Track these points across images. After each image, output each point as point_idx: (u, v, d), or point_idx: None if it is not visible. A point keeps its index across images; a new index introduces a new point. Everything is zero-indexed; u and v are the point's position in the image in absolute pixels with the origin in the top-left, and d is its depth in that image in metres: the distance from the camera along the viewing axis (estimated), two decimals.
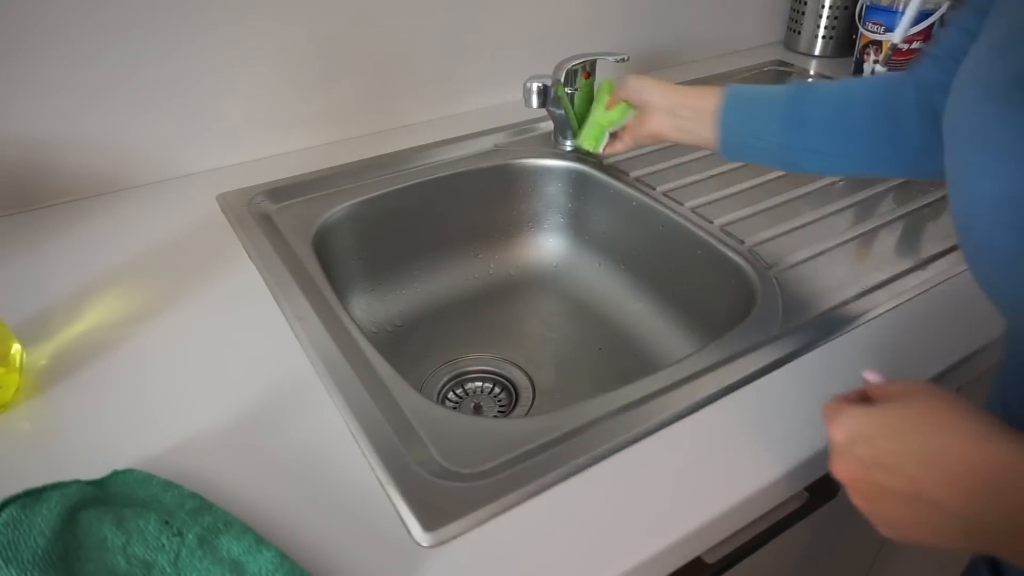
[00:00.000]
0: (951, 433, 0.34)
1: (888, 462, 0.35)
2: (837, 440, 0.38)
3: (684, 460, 0.46)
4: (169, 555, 0.37)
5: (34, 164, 0.73)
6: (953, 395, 0.36)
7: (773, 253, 0.67)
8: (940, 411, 0.35)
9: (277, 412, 0.49)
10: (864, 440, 0.36)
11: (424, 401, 0.51)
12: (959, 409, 0.35)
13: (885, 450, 0.35)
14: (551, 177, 0.86)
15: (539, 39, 0.96)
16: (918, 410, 0.36)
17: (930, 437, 0.34)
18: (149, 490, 0.42)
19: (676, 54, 1.12)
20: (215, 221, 0.72)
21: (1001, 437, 0.32)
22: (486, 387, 0.76)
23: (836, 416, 0.38)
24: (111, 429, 0.48)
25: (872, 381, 0.41)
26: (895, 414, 0.36)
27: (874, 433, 0.36)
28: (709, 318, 0.73)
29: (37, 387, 0.52)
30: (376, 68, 0.86)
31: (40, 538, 0.36)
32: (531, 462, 0.45)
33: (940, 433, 0.34)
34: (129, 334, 0.57)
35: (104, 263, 0.66)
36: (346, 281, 0.78)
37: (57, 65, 0.69)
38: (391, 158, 0.84)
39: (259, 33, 0.77)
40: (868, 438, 0.36)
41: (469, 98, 0.96)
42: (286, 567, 0.37)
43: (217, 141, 0.81)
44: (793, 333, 0.57)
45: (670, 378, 0.53)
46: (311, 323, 0.57)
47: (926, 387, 0.37)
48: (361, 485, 0.44)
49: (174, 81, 0.75)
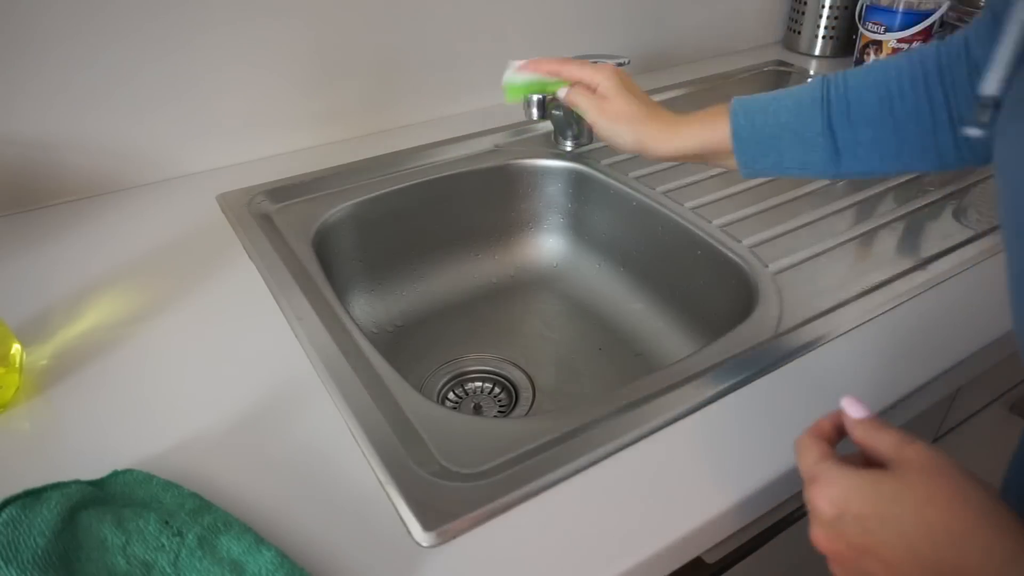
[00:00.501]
0: (968, 545, 0.29)
1: (886, 556, 0.30)
2: (821, 511, 0.33)
3: (684, 460, 0.46)
4: (169, 555, 0.37)
5: (34, 164, 0.73)
6: (960, 474, 0.31)
7: (773, 253, 0.67)
8: (953, 510, 0.29)
9: (277, 412, 0.49)
10: (856, 521, 0.31)
11: (424, 401, 0.51)
12: (974, 509, 0.29)
13: (883, 542, 0.30)
14: (551, 177, 0.86)
15: (539, 39, 0.96)
16: (924, 498, 0.30)
17: (942, 545, 0.29)
18: (149, 490, 0.42)
19: (676, 54, 1.12)
20: (215, 221, 0.72)
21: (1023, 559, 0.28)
22: (486, 387, 0.76)
23: (819, 479, 0.33)
24: (111, 429, 0.48)
25: (853, 416, 0.36)
26: (895, 497, 0.31)
27: (869, 515, 0.31)
28: (709, 318, 0.73)
29: (37, 387, 0.52)
30: (376, 68, 0.86)
31: (40, 538, 0.36)
32: (531, 462, 0.45)
33: (955, 543, 0.29)
34: (129, 334, 0.57)
35: (104, 263, 0.66)
36: (346, 281, 0.78)
37: (58, 65, 0.69)
38: (391, 158, 0.84)
39: (259, 33, 0.77)
40: (861, 520, 0.31)
41: (469, 98, 0.96)
42: (286, 567, 0.37)
43: (217, 141, 0.81)
44: (793, 333, 0.57)
45: (670, 378, 0.53)
46: (311, 323, 0.57)
47: (928, 458, 0.31)
48: (361, 485, 0.44)
49: (174, 81, 0.75)
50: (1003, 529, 0.29)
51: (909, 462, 0.32)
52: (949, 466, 0.31)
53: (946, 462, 0.31)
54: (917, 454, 0.32)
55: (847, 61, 1.10)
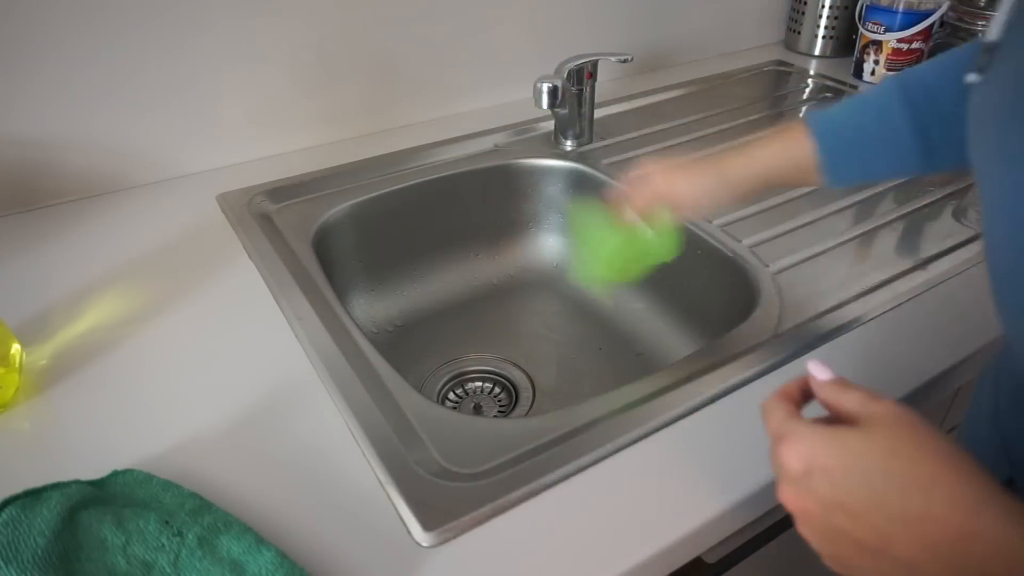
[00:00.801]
0: (933, 493, 0.29)
1: (853, 508, 0.31)
2: (790, 467, 0.33)
3: (684, 460, 0.46)
4: (169, 555, 0.37)
5: (34, 164, 0.73)
6: (925, 427, 0.31)
7: (773, 253, 0.67)
8: (918, 459, 0.30)
9: (277, 412, 0.49)
10: (823, 474, 0.31)
11: (424, 401, 0.51)
12: (939, 458, 0.30)
13: (850, 493, 0.31)
14: (551, 177, 0.86)
15: (539, 39, 0.96)
16: (889, 449, 0.31)
17: (908, 494, 0.29)
18: (149, 490, 0.42)
19: (676, 54, 1.12)
20: (215, 221, 0.72)
21: (989, 505, 0.28)
22: (486, 387, 0.76)
23: (787, 436, 0.33)
24: (111, 429, 0.48)
25: (819, 377, 0.36)
26: (862, 450, 0.31)
27: (836, 468, 0.31)
28: (709, 318, 0.73)
29: (37, 387, 0.52)
30: (376, 68, 0.86)
31: (40, 538, 0.36)
32: (531, 462, 0.45)
33: (921, 491, 0.29)
34: (129, 334, 0.57)
35: (104, 263, 0.66)
36: (346, 281, 0.78)
37: (58, 65, 0.69)
38: (391, 158, 0.84)
39: (259, 33, 0.77)
40: (828, 472, 0.31)
41: (469, 98, 0.96)
42: (286, 567, 0.37)
43: (217, 141, 0.81)
44: (793, 333, 0.57)
45: (670, 378, 0.53)
46: (311, 323, 0.57)
47: (893, 413, 0.32)
48: (361, 485, 0.44)
49: (174, 81, 0.75)
50: (967, 475, 0.29)
51: (875, 417, 0.32)
52: (914, 420, 0.32)
53: (911, 416, 0.32)
54: (883, 409, 0.32)
55: (847, 61, 1.10)
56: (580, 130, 0.86)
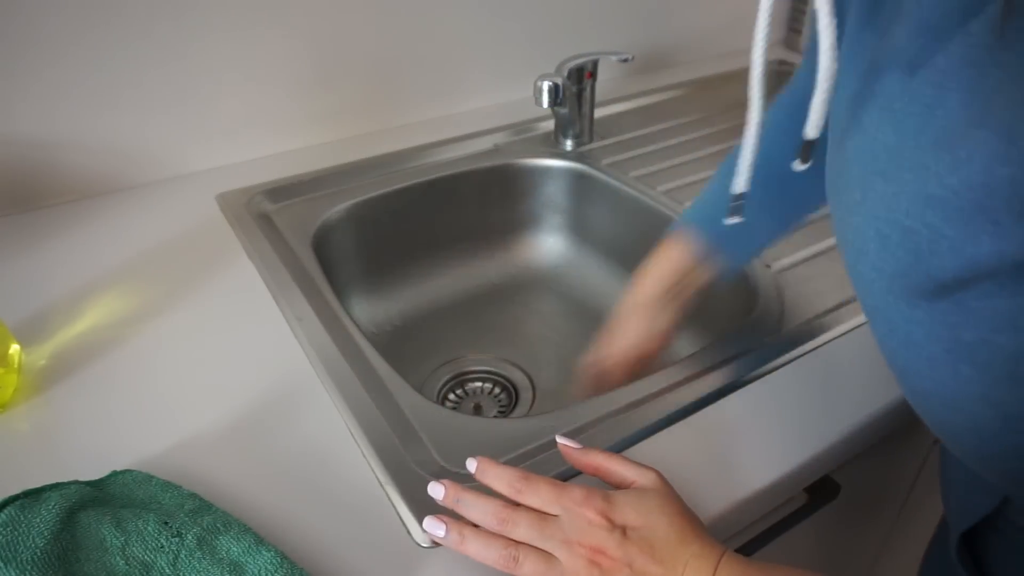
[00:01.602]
0: (691, 548, 0.36)
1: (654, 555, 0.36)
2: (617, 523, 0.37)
3: (684, 460, 0.46)
4: (168, 556, 0.37)
5: (35, 164, 0.73)
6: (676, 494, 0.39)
7: (773, 253, 0.67)
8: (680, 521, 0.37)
9: (277, 412, 0.49)
10: (633, 530, 0.37)
11: (424, 401, 0.51)
12: (692, 522, 0.37)
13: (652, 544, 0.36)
14: (551, 177, 0.86)
15: (539, 39, 0.96)
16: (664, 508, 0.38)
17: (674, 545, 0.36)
18: (148, 490, 0.42)
19: (676, 54, 1.12)
20: (215, 221, 0.72)
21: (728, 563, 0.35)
22: (486, 387, 0.76)
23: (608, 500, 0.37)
24: (110, 429, 0.48)
25: (571, 446, 0.42)
26: (653, 508, 0.37)
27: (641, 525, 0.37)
28: (709, 318, 0.73)
29: (36, 387, 0.52)
30: (376, 68, 0.86)
31: (39, 539, 0.36)
32: (531, 462, 0.45)
33: (682, 544, 0.36)
34: (128, 334, 0.57)
35: (104, 263, 0.65)
36: (346, 281, 0.78)
37: (59, 66, 0.69)
38: (391, 158, 0.84)
39: (259, 33, 0.77)
40: (636, 529, 0.36)
41: (469, 98, 0.96)
42: (286, 567, 0.37)
43: (217, 141, 0.81)
44: (793, 333, 0.57)
45: (670, 378, 0.53)
46: (311, 323, 0.57)
47: (661, 480, 0.39)
48: (361, 485, 0.44)
49: (174, 81, 0.75)
50: (707, 540, 0.37)
51: (649, 482, 0.39)
52: (670, 487, 0.39)
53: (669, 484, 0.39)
54: (654, 475, 0.39)
55: None
56: (580, 130, 0.86)
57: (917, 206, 0.31)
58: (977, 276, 0.29)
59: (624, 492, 0.38)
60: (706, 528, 0.37)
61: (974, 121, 0.28)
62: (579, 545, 0.35)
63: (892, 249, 0.33)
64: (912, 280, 0.32)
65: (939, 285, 0.31)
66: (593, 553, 0.35)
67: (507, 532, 0.37)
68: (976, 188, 0.28)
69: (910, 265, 0.32)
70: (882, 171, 0.32)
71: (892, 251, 0.33)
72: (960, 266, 0.30)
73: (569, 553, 0.35)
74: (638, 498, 0.37)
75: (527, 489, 0.38)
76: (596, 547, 0.35)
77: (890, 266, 0.33)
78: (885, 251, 0.33)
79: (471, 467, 0.41)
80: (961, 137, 0.29)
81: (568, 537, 0.36)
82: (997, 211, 0.28)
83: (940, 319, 0.32)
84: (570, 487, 0.38)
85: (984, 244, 0.28)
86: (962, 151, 0.28)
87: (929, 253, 0.31)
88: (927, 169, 0.30)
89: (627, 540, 0.35)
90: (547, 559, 0.36)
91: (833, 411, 0.49)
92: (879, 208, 0.33)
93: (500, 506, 0.38)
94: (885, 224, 0.33)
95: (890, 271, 0.33)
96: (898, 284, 0.33)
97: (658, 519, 0.36)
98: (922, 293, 0.32)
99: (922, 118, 0.30)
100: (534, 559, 0.36)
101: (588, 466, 0.41)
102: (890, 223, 0.32)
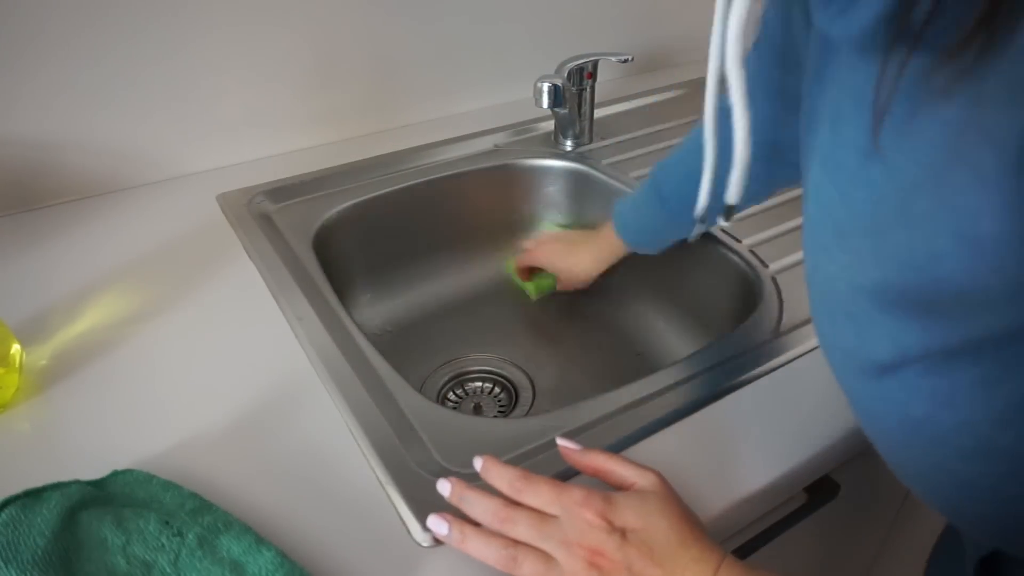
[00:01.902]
0: (691, 552, 0.35)
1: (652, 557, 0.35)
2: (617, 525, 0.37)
3: (683, 460, 0.46)
4: (169, 555, 0.37)
5: (35, 164, 0.73)
6: (678, 495, 0.38)
7: (773, 253, 0.67)
8: (680, 524, 0.37)
9: (277, 412, 0.49)
10: (633, 533, 0.36)
11: (424, 401, 0.51)
12: (692, 525, 0.37)
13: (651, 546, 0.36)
14: (551, 177, 0.86)
15: (539, 39, 0.96)
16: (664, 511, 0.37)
17: (674, 547, 0.36)
18: (149, 490, 0.42)
19: (676, 54, 1.12)
20: (215, 221, 0.72)
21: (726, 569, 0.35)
22: (486, 387, 0.76)
23: (607, 500, 0.37)
24: (111, 429, 0.48)
25: (572, 448, 0.42)
26: (653, 511, 0.37)
27: (641, 528, 0.36)
28: (709, 318, 0.73)
29: (37, 387, 0.52)
30: (376, 68, 0.86)
31: (40, 538, 0.36)
32: (531, 462, 0.45)
33: (683, 547, 0.36)
34: (129, 334, 0.57)
35: (104, 263, 0.66)
36: (346, 281, 0.78)
37: (58, 66, 0.69)
38: (391, 158, 0.84)
39: (259, 32, 0.77)
40: (636, 532, 0.36)
41: (469, 98, 0.96)
42: (286, 567, 0.37)
43: (217, 141, 0.81)
44: (793, 333, 0.57)
45: (670, 378, 0.53)
46: (311, 323, 0.57)
47: (661, 481, 0.39)
48: (361, 485, 0.44)
49: (175, 81, 0.75)
50: (708, 542, 0.36)
51: (649, 484, 0.39)
52: (671, 489, 0.39)
53: (670, 486, 0.39)
54: (654, 477, 0.39)
55: None
56: (580, 130, 0.86)
57: (853, 292, 0.31)
58: (911, 359, 0.30)
59: (624, 494, 0.38)
60: (706, 531, 0.37)
61: (896, 218, 0.28)
62: (578, 546, 0.35)
63: (839, 327, 0.33)
64: (859, 358, 0.33)
65: (880, 365, 0.32)
66: (592, 555, 0.35)
67: (507, 531, 0.37)
68: (893, 288, 0.29)
69: (856, 346, 0.33)
70: (826, 247, 0.33)
71: (840, 329, 0.33)
72: (894, 351, 0.30)
73: (568, 554, 0.35)
74: (638, 500, 0.37)
75: (527, 489, 0.38)
76: (595, 549, 0.35)
77: (841, 342, 0.34)
78: (835, 328, 0.34)
79: (477, 465, 0.41)
80: (886, 230, 0.28)
81: (567, 538, 0.36)
82: (917, 307, 0.28)
83: (890, 395, 0.32)
84: (570, 488, 0.38)
85: (912, 334, 0.29)
86: (885, 247, 0.29)
87: (868, 337, 0.31)
88: (858, 255, 0.30)
89: (626, 542, 0.35)
90: (546, 560, 0.36)
91: (833, 411, 0.49)
92: (825, 284, 0.34)
93: (501, 505, 0.38)
94: (833, 303, 0.33)
95: (841, 346, 0.34)
96: (850, 360, 0.34)
97: (658, 522, 0.36)
98: (870, 370, 0.32)
99: (863, 197, 0.30)
100: (533, 560, 0.36)
101: (588, 467, 0.41)
102: (835, 302, 0.33)
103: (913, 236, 0.27)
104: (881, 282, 0.29)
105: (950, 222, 0.25)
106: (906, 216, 0.27)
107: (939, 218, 0.26)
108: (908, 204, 0.27)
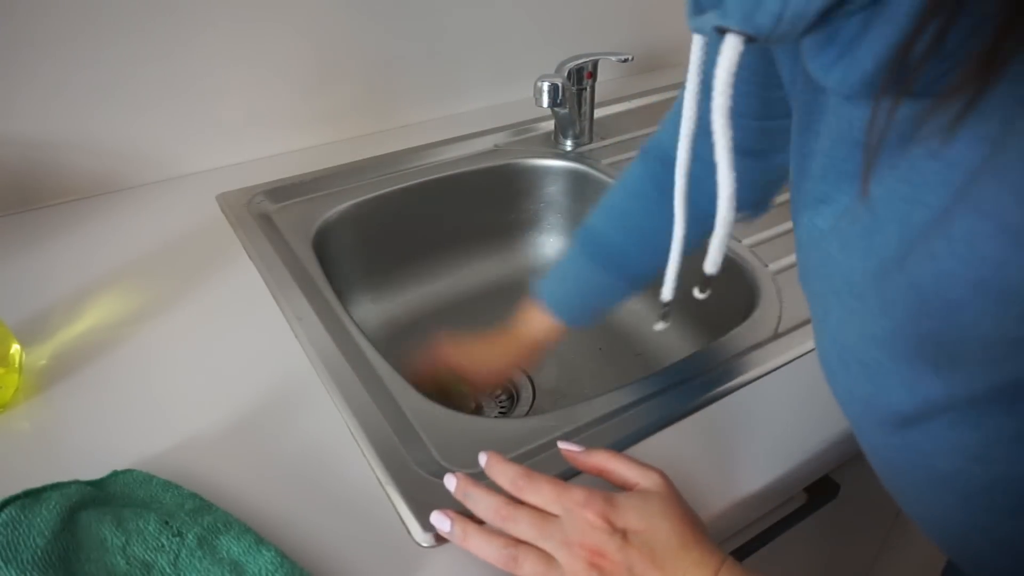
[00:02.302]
0: (692, 554, 0.35)
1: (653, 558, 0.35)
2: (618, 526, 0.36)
3: (684, 460, 0.46)
4: (169, 555, 0.37)
5: (35, 164, 0.73)
6: (681, 497, 0.38)
7: (773, 253, 0.67)
8: (681, 526, 0.36)
9: (277, 412, 0.49)
10: (635, 535, 0.36)
11: (424, 401, 0.51)
12: (694, 526, 0.36)
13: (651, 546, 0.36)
14: (551, 177, 0.86)
15: (539, 39, 0.96)
16: (665, 512, 0.37)
17: (675, 549, 0.35)
18: (149, 490, 0.42)
19: (676, 54, 1.12)
20: (215, 221, 0.72)
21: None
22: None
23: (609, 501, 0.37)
24: (111, 429, 0.48)
25: (575, 450, 0.42)
26: (654, 512, 0.37)
27: (643, 529, 0.36)
28: (709, 318, 0.73)
29: (37, 387, 0.52)
30: (376, 68, 0.86)
31: (40, 538, 0.36)
32: (531, 462, 0.45)
33: (684, 549, 0.35)
34: (129, 334, 0.57)
35: (104, 263, 0.66)
36: (346, 281, 0.78)
37: (58, 65, 0.69)
38: (391, 158, 0.84)
39: (259, 32, 0.77)
40: (637, 533, 0.36)
41: (469, 98, 0.96)
42: (286, 567, 0.37)
43: (217, 141, 0.81)
44: (792, 333, 0.57)
45: (670, 378, 0.53)
46: (311, 323, 0.57)
47: (665, 482, 0.38)
48: (361, 485, 0.44)
49: (174, 81, 0.75)
50: (709, 545, 0.36)
51: (652, 484, 0.38)
52: (675, 489, 0.38)
53: (673, 486, 0.39)
54: (657, 477, 0.39)
55: None
56: (580, 130, 0.86)
57: (864, 340, 0.30)
58: (935, 410, 0.28)
59: (627, 495, 0.38)
60: (708, 532, 0.37)
61: (897, 264, 0.26)
62: (579, 547, 0.35)
63: (854, 376, 0.32)
64: (878, 409, 0.31)
65: (902, 417, 0.30)
66: (593, 555, 0.35)
67: (508, 529, 0.37)
68: (907, 336, 0.27)
69: (872, 395, 0.31)
70: (837, 291, 0.31)
71: (855, 378, 0.32)
72: (915, 402, 0.29)
73: (568, 554, 0.35)
74: (641, 501, 0.37)
75: (528, 487, 0.38)
76: (596, 549, 0.35)
77: (857, 391, 0.32)
78: (849, 377, 0.32)
79: (482, 461, 0.41)
80: (888, 276, 0.27)
81: (568, 538, 0.36)
82: (935, 357, 0.26)
83: (914, 447, 0.31)
84: (572, 487, 0.38)
85: (932, 383, 0.27)
86: (891, 292, 0.27)
87: (885, 386, 0.30)
88: (866, 302, 0.29)
89: (628, 544, 0.35)
90: (547, 560, 0.36)
91: (833, 411, 0.49)
92: (837, 332, 0.32)
93: (503, 503, 0.38)
94: (844, 351, 0.32)
95: (859, 395, 0.32)
96: (869, 411, 0.32)
97: (660, 523, 0.36)
98: (892, 421, 0.31)
99: (864, 243, 0.28)
100: (534, 559, 0.36)
101: (591, 466, 0.41)
102: (847, 350, 0.31)
103: (922, 283, 0.25)
104: (892, 330, 0.28)
105: (967, 271, 0.24)
106: (909, 262, 0.26)
107: (951, 266, 0.24)
108: (910, 249, 0.26)
